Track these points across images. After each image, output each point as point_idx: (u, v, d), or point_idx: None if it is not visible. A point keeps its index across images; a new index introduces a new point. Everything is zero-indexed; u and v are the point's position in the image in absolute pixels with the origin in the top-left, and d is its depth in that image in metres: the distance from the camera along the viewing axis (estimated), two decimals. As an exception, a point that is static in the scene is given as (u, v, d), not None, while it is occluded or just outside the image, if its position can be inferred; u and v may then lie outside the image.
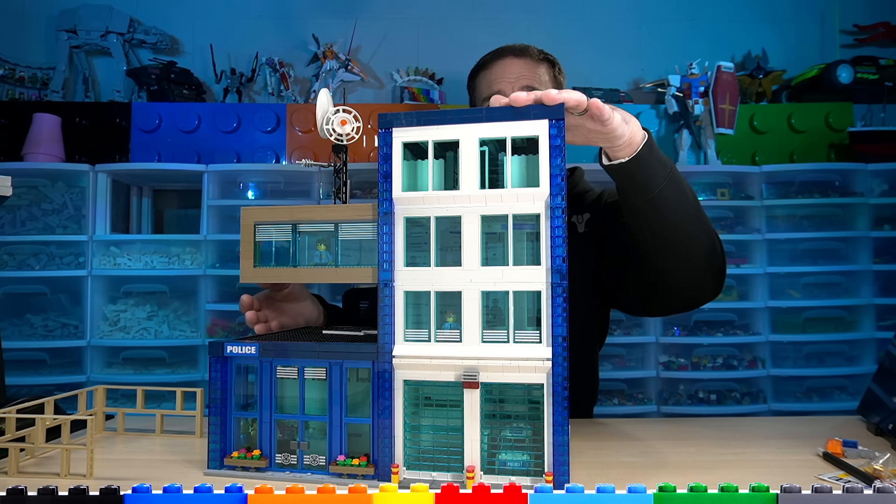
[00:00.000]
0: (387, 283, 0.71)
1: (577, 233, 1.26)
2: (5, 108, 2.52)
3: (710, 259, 0.98)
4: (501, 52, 1.25)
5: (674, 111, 2.52)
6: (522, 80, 1.21)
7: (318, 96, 0.80)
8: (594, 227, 1.26)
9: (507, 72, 1.22)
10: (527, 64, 1.23)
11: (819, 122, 2.57)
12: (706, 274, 0.99)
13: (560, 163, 0.68)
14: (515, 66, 1.22)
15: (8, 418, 0.78)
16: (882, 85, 2.56)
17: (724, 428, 0.99)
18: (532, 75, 1.22)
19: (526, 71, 1.22)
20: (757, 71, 2.65)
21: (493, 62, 1.25)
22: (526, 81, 1.20)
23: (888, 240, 2.37)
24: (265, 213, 0.79)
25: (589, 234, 1.26)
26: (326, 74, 2.63)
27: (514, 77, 1.21)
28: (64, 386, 2.12)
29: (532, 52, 1.25)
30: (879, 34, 2.76)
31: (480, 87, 1.27)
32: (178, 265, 2.27)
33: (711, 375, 2.33)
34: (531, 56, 1.24)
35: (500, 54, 1.25)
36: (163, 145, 2.49)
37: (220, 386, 0.76)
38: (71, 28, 2.62)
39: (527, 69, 1.23)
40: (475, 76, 1.30)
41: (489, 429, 0.68)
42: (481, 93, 1.26)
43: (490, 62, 1.25)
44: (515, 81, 1.20)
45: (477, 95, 1.28)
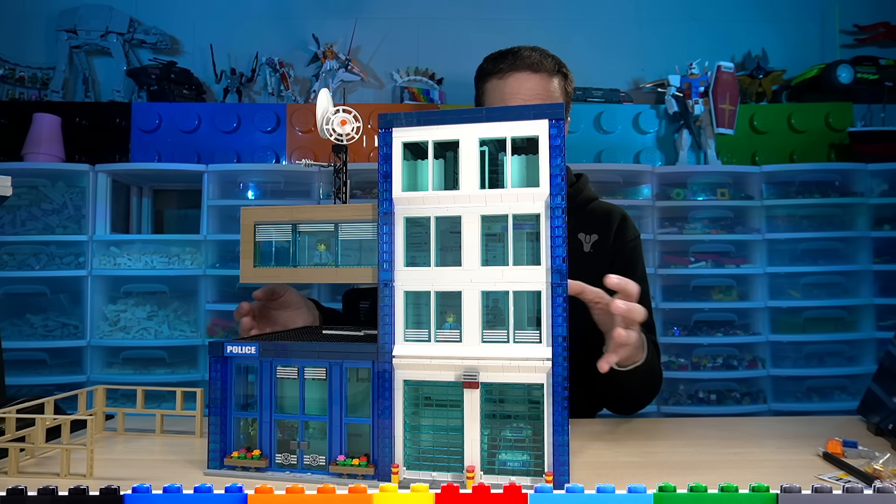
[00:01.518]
0: (387, 283, 0.71)
1: (583, 252, 1.26)
2: (5, 108, 2.52)
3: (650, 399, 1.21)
4: (518, 64, 1.22)
5: (674, 111, 2.52)
6: (537, 98, 1.20)
7: (318, 96, 0.80)
8: (601, 252, 1.25)
9: (523, 87, 1.21)
10: (542, 79, 1.22)
11: (819, 122, 2.57)
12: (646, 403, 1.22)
13: (560, 163, 0.68)
14: (531, 82, 1.21)
15: (8, 418, 0.78)
16: (882, 85, 2.56)
17: (724, 428, 0.99)
18: (546, 92, 1.22)
19: (540, 88, 1.22)
20: (757, 71, 2.65)
21: (509, 73, 1.22)
22: (539, 99, 1.20)
23: (888, 240, 2.37)
24: (265, 213, 0.78)
25: (594, 256, 1.25)
26: (326, 74, 2.63)
27: (529, 94, 1.20)
28: (64, 386, 2.12)
29: (547, 67, 1.23)
30: (879, 34, 2.76)
31: (492, 95, 1.25)
32: (178, 265, 2.27)
33: (711, 375, 2.33)
34: (547, 71, 1.23)
35: (516, 66, 1.22)
36: (163, 145, 2.49)
37: (220, 386, 0.76)
38: (71, 28, 2.62)
39: (541, 85, 1.22)
40: (486, 78, 1.27)
41: (489, 429, 0.68)
42: (493, 101, 1.24)
43: (506, 72, 1.23)
44: (530, 100, 1.20)
45: (487, 102, 1.26)
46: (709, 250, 2.38)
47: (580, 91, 2.64)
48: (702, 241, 2.37)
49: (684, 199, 2.38)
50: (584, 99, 2.62)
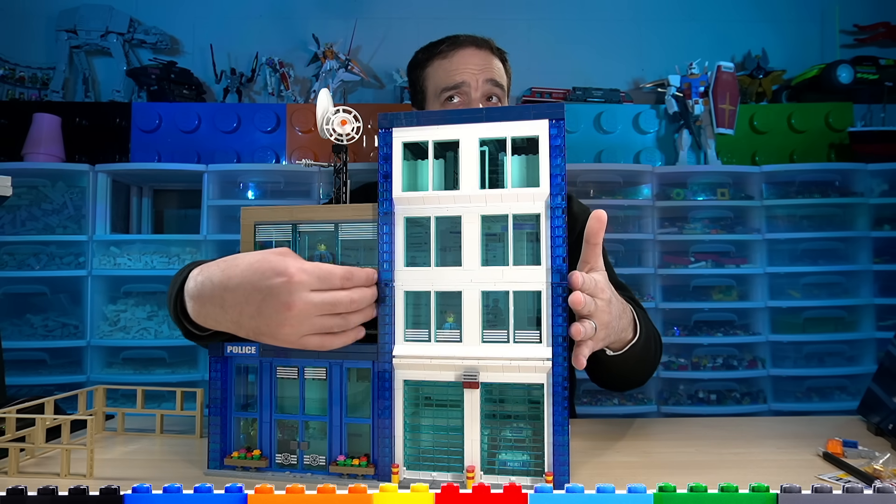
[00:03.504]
0: (387, 283, 0.71)
1: None
2: (5, 108, 2.52)
3: (650, 374, 1.05)
4: (461, 42, 1.21)
5: (674, 111, 2.52)
6: (486, 72, 1.19)
7: (318, 96, 0.80)
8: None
9: (470, 62, 1.19)
10: (486, 55, 1.21)
11: (819, 122, 2.57)
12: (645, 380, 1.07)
13: (560, 163, 0.68)
14: (477, 57, 1.20)
15: (8, 418, 0.78)
16: (882, 85, 2.56)
17: (724, 428, 0.99)
18: (492, 67, 1.20)
19: (487, 62, 1.20)
20: (757, 71, 2.65)
21: (451, 51, 1.20)
22: (489, 74, 1.19)
23: (888, 240, 2.37)
24: (265, 213, 0.78)
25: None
26: (326, 74, 2.63)
27: (477, 68, 1.18)
28: (64, 386, 2.12)
29: (490, 45, 1.23)
30: (879, 34, 2.76)
31: (436, 75, 1.21)
32: (179, 265, 2.27)
33: (711, 375, 2.33)
34: (489, 49, 1.22)
35: (459, 43, 1.21)
36: (163, 145, 2.49)
37: (220, 386, 0.76)
38: (71, 28, 2.62)
39: (487, 60, 1.20)
40: (426, 63, 1.24)
41: (489, 429, 0.68)
42: (439, 82, 1.21)
43: (448, 51, 1.21)
44: (479, 73, 1.18)
45: (431, 84, 1.23)
46: (709, 250, 2.38)
47: (580, 91, 2.64)
48: (702, 241, 2.37)
49: (684, 199, 2.38)
50: (584, 99, 2.62)
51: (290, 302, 0.64)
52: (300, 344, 0.67)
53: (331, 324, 0.67)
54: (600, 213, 0.71)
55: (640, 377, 1.04)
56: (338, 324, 0.67)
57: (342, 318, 0.67)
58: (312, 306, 0.65)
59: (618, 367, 0.89)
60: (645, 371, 1.02)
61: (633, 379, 1.04)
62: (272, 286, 0.65)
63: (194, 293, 0.72)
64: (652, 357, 1.00)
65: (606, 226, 0.72)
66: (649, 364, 1.00)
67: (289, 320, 0.65)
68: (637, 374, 1.02)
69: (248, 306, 0.67)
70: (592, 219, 0.71)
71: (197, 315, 0.72)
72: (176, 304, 0.77)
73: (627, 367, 0.91)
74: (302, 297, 0.64)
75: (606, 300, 0.71)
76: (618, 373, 0.98)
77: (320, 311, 0.65)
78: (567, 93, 2.65)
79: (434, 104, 1.23)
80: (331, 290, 0.66)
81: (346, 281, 0.67)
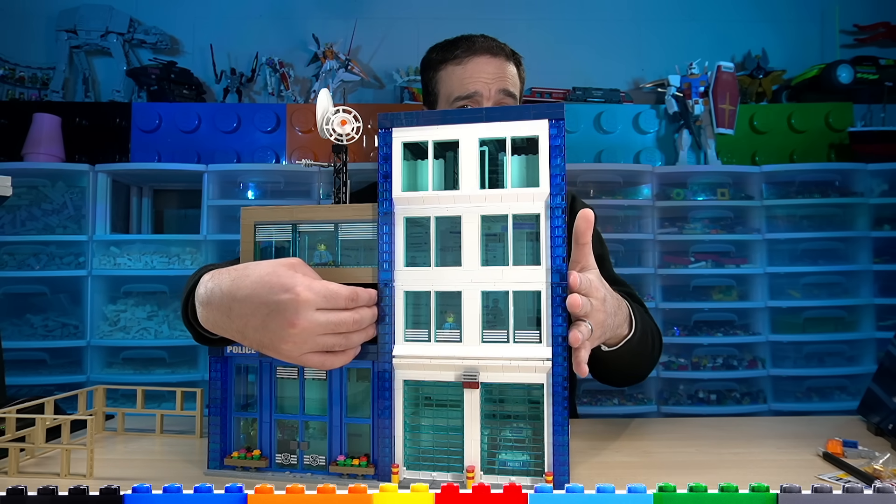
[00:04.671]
0: (387, 283, 0.71)
1: None
2: (5, 108, 2.52)
3: (650, 368, 1.06)
4: (476, 48, 1.20)
5: (674, 111, 2.52)
6: (499, 81, 1.18)
7: (318, 96, 0.80)
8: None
9: (483, 70, 1.18)
10: (501, 63, 1.20)
11: (819, 122, 2.57)
12: (645, 374, 1.09)
13: (560, 163, 0.68)
14: (491, 66, 1.19)
15: (8, 418, 0.78)
16: (882, 85, 2.56)
17: (724, 428, 0.99)
18: (506, 75, 1.20)
19: (500, 71, 1.20)
20: (757, 71, 2.65)
21: (467, 58, 1.20)
22: (502, 84, 1.18)
23: (888, 240, 2.37)
24: (265, 213, 0.78)
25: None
26: (326, 74, 2.63)
27: (490, 77, 1.18)
28: (64, 386, 2.12)
29: (506, 51, 1.22)
30: (879, 34, 2.77)
31: (450, 82, 1.21)
32: (178, 265, 2.27)
33: (711, 375, 2.33)
34: (504, 55, 1.22)
35: (474, 50, 1.20)
36: (163, 145, 2.49)
37: (220, 386, 0.76)
38: (71, 28, 2.62)
39: (501, 69, 1.20)
40: (439, 66, 1.23)
41: (489, 429, 0.68)
42: (452, 89, 1.20)
43: (463, 57, 1.20)
44: (492, 83, 1.18)
45: (444, 90, 1.22)
46: (709, 250, 2.38)
47: (580, 91, 2.64)
48: (702, 241, 2.37)
49: (684, 199, 2.38)
50: (584, 99, 2.62)
51: (294, 320, 0.65)
52: (301, 361, 0.68)
53: (332, 342, 0.67)
54: (587, 212, 0.71)
55: (639, 372, 1.04)
56: (339, 343, 0.68)
57: (344, 338, 0.68)
58: (317, 325, 0.65)
59: (614, 362, 0.89)
60: (643, 365, 1.02)
61: (631, 374, 1.05)
62: (279, 302, 0.65)
63: (204, 299, 0.73)
64: (650, 352, 0.99)
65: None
66: (647, 358, 1.00)
67: (292, 337, 0.65)
68: (635, 368, 1.02)
69: (253, 319, 0.67)
70: (580, 219, 0.71)
71: (205, 320, 0.73)
72: (187, 307, 0.78)
73: (623, 362, 0.91)
74: (307, 317, 0.65)
75: (601, 299, 0.71)
76: (615, 368, 0.98)
77: (324, 330, 0.66)
78: (567, 93, 2.65)
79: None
80: (335, 310, 0.67)
81: (351, 302, 0.68)
